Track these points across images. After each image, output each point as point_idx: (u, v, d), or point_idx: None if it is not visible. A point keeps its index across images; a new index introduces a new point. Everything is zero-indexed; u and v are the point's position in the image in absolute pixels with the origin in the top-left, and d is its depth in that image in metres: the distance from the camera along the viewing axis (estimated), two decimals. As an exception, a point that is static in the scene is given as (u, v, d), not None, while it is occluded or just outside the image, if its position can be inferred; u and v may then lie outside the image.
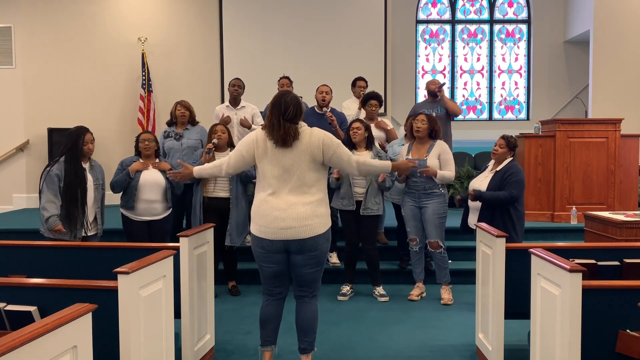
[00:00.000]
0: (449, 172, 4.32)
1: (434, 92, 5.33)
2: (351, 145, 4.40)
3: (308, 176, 2.79)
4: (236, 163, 2.91)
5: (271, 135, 2.78)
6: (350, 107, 5.51)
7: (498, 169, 4.09)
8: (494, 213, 3.98)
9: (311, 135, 2.82)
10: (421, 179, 4.31)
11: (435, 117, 4.52)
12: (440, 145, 4.39)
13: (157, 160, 4.27)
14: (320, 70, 7.68)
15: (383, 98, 5.32)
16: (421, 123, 4.35)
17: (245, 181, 4.41)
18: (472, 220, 4.11)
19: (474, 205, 4.12)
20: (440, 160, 4.32)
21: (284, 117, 2.76)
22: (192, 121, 4.92)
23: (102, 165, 4.11)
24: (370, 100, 4.98)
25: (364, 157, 4.35)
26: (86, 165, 3.90)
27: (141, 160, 4.20)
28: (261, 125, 2.96)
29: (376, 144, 4.55)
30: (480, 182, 4.16)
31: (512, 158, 4.12)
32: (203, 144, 4.75)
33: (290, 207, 2.74)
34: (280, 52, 7.86)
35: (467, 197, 4.21)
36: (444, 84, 5.38)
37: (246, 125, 5.15)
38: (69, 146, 3.81)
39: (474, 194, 4.03)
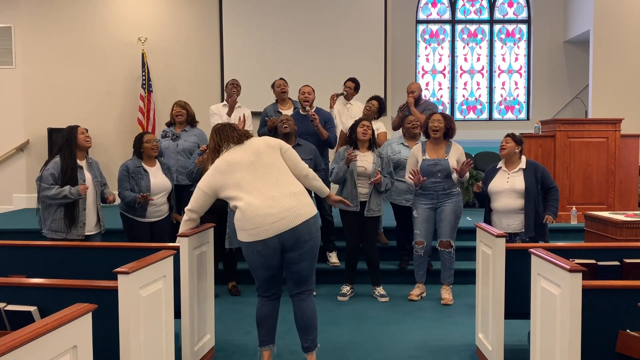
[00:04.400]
0: (467, 174, 4.35)
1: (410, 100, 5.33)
2: (354, 145, 4.39)
3: (280, 165, 2.90)
4: (203, 204, 2.96)
5: (227, 139, 2.94)
6: (340, 110, 5.48)
7: (523, 166, 4.04)
8: (539, 215, 3.96)
9: (258, 137, 3.06)
10: (441, 180, 4.28)
11: (450, 116, 4.51)
12: (457, 147, 4.39)
13: (156, 161, 4.25)
14: (320, 70, 7.68)
15: (383, 100, 5.31)
16: (438, 122, 4.32)
17: None
18: (504, 223, 4.01)
19: (507, 207, 4.01)
20: (458, 161, 4.31)
21: (231, 127, 3.00)
22: (192, 122, 4.85)
23: (101, 165, 4.10)
24: (371, 100, 5.05)
25: (367, 158, 4.35)
26: (83, 163, 3.87)
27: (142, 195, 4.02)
28: (201, 154, 3.17)
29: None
30: (508, 183, 4.02)
31: (522, 154, 4.11)
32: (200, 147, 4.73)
33: (275, 202, 2.76)
34: (280, 52, 7.85)
35: (483, 197, 4.18)
36: (405, 103, 5.33)
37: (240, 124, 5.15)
38: (62, 142, 3.80)
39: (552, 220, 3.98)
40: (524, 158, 4.10)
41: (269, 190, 2.78)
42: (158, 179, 4.15)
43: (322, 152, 4.87)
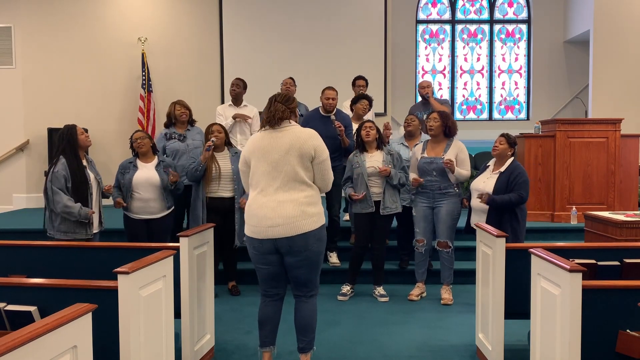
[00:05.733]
0: (465, 171, 4.30)
1: (423, 96, 5.42)
2: (362, 147, 4.38)
3: (298, 172, 2.77)
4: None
5: (264, 116, 2.89)
6: (349, 108, 5.53)
7: (502, 169, 4.07)
8: (503, 214, 3.97)
9: (302, 132, 2.82)
10: (436, 178, 4.28)
11: (448, 114, 4.48)
12: (457, 144, 4.36)
13: (155, 157, 4.26)
14: (320, 71, 7.68)
15: (375, 98, 5.37)
16: (433, 121, 4.31)
17: None
18: (477, 220, 4.06)
19: (479, 206, 4.11)
20: (457, 159, 4.28)
21: (277, 100, 2.87)
22: (191, 121, 4.89)
23: (101, 165, 4.12)
24: (361, 99, 5.06)
25: (376, 157, 4.34)
26: (84, 162, 3.88)
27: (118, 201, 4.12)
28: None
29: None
30: (484, 183, 4.13)
31: (513, 157, 4.12)
32: (203, 143, 4.76)
33: (278, 206, 2.73)
34: (280, 52, 7.86)
35: (469, 198, 4.22)
36: (426, 94, 5.41)
37: (242, 117, 5.17)
38: (64, 144, 3.78)
39: (487, 200, 3.97)
40: (509, 161, 4.10)
41: (278, 193, 2.75)
42: (143, 173, 4.14)
43: (338, 151, 4.84)
